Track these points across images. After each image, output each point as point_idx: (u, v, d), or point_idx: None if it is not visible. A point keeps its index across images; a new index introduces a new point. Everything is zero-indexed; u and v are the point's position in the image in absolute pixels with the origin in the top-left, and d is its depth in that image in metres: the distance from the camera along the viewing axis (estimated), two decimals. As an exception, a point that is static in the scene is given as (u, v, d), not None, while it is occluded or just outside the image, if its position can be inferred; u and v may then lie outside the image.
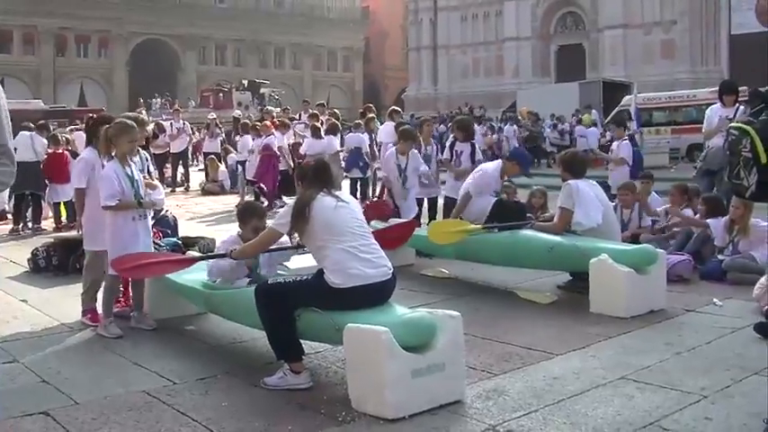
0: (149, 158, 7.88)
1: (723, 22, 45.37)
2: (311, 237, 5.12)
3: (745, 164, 3.53)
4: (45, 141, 13.78)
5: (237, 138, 19.84)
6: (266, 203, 14.67)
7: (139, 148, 7.55)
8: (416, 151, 10.71)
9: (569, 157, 8.49)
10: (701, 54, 45.77)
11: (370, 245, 5.14)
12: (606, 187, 10.35)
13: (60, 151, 13.80)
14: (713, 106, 11.18)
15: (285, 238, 5.84)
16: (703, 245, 8.91)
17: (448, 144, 11.21)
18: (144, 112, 28.02)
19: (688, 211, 9.57)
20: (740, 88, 11.30)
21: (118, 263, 6.36)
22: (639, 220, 9.82)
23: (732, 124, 3.96)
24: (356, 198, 16.46)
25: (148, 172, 7.74)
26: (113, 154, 6.69)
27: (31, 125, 13.96)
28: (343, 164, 16.33)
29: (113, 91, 59.89)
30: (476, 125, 18.65)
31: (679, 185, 10.15)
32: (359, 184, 16.19)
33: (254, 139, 17.06)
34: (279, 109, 29.35)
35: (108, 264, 6.62)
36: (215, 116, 24.32)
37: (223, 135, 22.26)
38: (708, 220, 8.99)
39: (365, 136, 16.52)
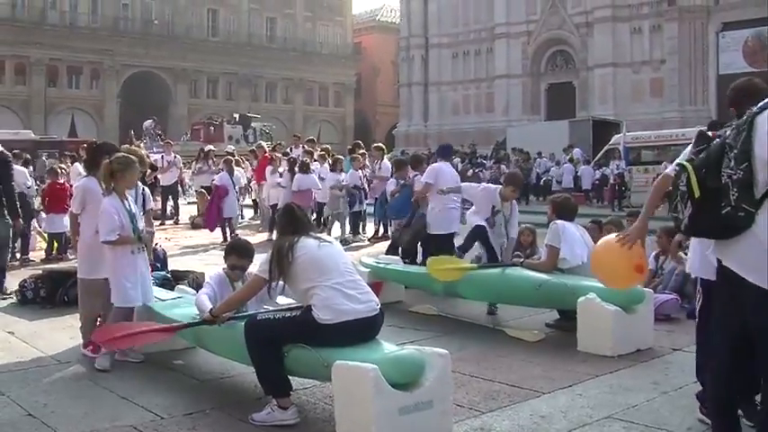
0: (144, 191, 7.86)
1: (711, 62, 45.80)
2: (297, 278, 5.15)
3: (682, 197, 3.68)
4: (24, 170, 13.75)
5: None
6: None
7: (139, 182, 7.61)
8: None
9: (561, 201, 8.57)
10: (689, 93, 46.16)
11: (356, 281, 5.19)
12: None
13: (62, 182, 13.82)
14: (701, 146, 11.23)
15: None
16: (685, 282, 8.93)
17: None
18: (141, 144, 27.95)
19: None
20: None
21: (101, 335, 6.35)
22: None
23: (676, 161, 4.12)
24: (357, 232, 17.02)
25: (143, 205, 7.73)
26: (112, 188, 6.74)
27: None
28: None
29: (104, 122, 59.92)
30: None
31: (666, 228, 10.04)
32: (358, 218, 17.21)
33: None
34: (270, 143, 29.46)
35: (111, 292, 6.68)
36: (211, 147, 24.36)
37: (215, 168, 22.22)
38: None
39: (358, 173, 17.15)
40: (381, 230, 16.65)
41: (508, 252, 9.42)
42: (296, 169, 16.70)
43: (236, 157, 20.39)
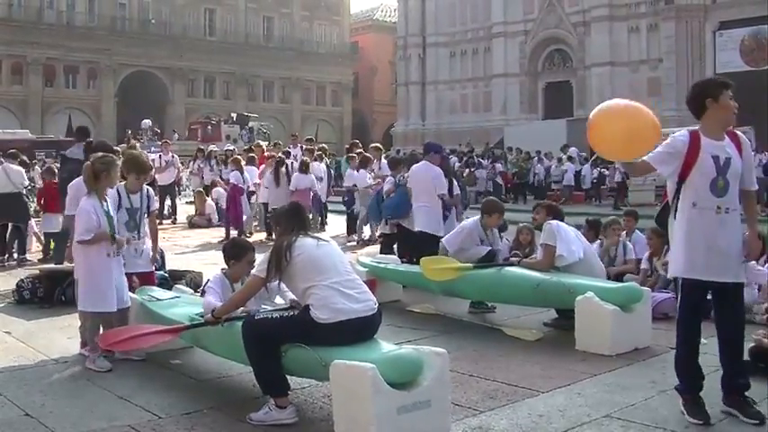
0: (149, 192, 7.80)
1: (708, 61, 45.72)
2: (295, 277, 5.16)
3: None
4: (21, 170, 13.71)
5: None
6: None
7: (144, 185, 7.60)
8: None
9: (550, 205, 8.70)
10: (686, 92, 45.93)
11: (354, 281, 5.20)
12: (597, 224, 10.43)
13: (56, 181, 13.78)
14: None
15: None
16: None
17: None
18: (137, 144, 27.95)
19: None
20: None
21: (105, 339, 6.38)
22: (624, 255, 9.84)
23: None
24: (354, 231, 17.00)
25: (147, 207, 7.69)
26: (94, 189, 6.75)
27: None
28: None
29: (101, 122, 59.69)
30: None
31: (656, 229, 9.97)
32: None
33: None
34: (267, 143, 29.47)
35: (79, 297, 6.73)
36: (214, 147, 24.40)
37: (216, 168, 22.33)
38: None
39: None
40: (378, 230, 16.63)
41: None
42: (283, 169, 16.69)
43: (251, 154, 20.30)
